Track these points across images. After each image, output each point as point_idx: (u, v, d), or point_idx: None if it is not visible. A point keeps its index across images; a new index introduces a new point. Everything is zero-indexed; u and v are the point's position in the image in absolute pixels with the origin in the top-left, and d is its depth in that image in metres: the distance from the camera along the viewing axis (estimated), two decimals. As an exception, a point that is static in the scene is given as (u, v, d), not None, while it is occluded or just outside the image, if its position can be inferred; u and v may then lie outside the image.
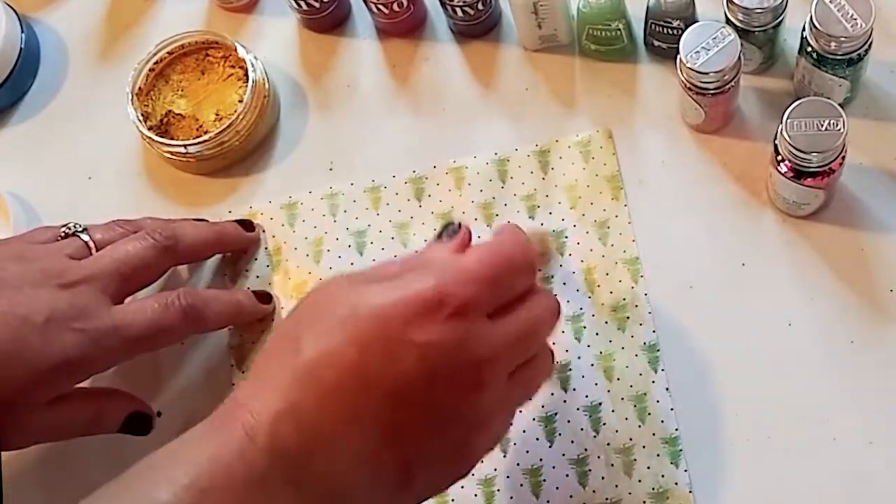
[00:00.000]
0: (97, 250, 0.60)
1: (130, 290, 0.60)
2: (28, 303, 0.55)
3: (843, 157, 0.59)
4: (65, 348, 0.55)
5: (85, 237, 0.60)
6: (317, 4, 0.72)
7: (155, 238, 0.61)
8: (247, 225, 0.68)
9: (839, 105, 0.57)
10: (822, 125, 0.57)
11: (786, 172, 0.60)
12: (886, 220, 0.63)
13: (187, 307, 0.59)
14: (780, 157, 0.59)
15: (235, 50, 0.71)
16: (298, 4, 0.72)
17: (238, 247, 0.68)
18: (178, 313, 0.59)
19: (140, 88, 0.72)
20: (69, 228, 0.61)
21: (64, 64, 0.77)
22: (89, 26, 0.78)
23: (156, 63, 0.72)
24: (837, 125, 0.57)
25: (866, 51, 0.61)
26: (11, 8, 0.76)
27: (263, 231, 0.69)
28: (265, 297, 0.66)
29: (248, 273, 0.68)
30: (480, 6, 0.69)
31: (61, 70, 0.77)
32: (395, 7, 0.70)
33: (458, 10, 0.69)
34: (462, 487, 0.61)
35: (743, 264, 0.64)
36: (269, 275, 0.68)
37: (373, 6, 0.71)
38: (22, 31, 0.76)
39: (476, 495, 0.61)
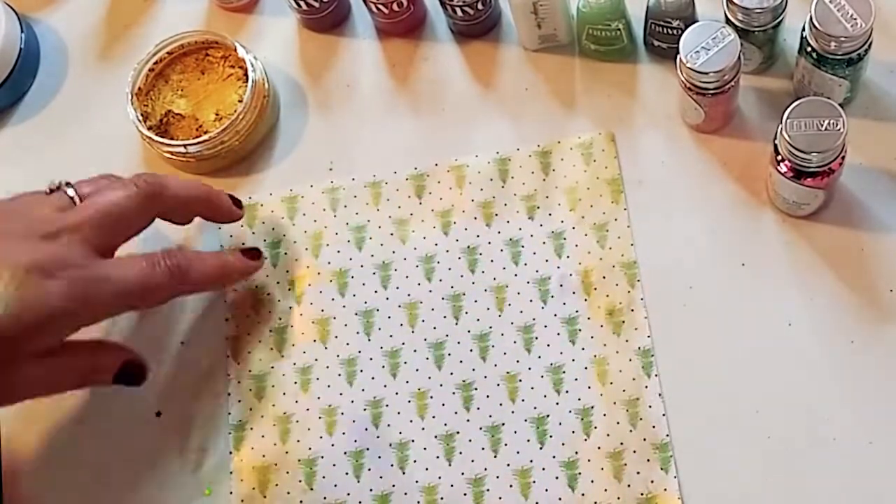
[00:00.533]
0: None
1: (116, 242, 0.59)
2: (8, 255, 0.53)
3: (843, 157, 0.59)
4: (48, 299, 0.53)
5: (70, 192, 0.59)
6: (316, 4, 0.72)
7: (138, 185, 0.59)
8: (238, 203, 0.67)
9: (839, 105, 0.57)
10: (822, 125, 0.57)
11: (786, 172, 0.60)
12: (886, 220, 0.63)
13: (173, 266, 0.58)
14: (779, 157, 0.59)
15: (235, 50, 0.71)
16: (298, 4, 0.72)
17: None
18: (164, 272, 0.58)
19: (140, 88, 0.72)
20: (54, 184, 0.59)
21: (64, 64, 0.77)
22: (89, 26, 0.78)
23: (156, 63, 0.72)
24: (837, 125, 0.57)
25: (866, 51, 0.61)
26: (11, 8, 0.76)
27: (262, 223, 0.69)
28: (254, 254, 0.66)
29: None
30: (480, 6, 0.69)
31: (61, 70, 0.77)
32: (395, 7, 0.70)
33: (457, 9, 0.69)
34: (452, 486, 0.61)
35: (743, 264, 0.64)
36: (267, 267, 0.68)
37: (372, 6, 0.71)
38: (22, 31, 0.76)
39: (465, 494, 0.61)
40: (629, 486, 0.60)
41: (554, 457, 0.61)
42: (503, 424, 0.62)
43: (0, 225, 0.56)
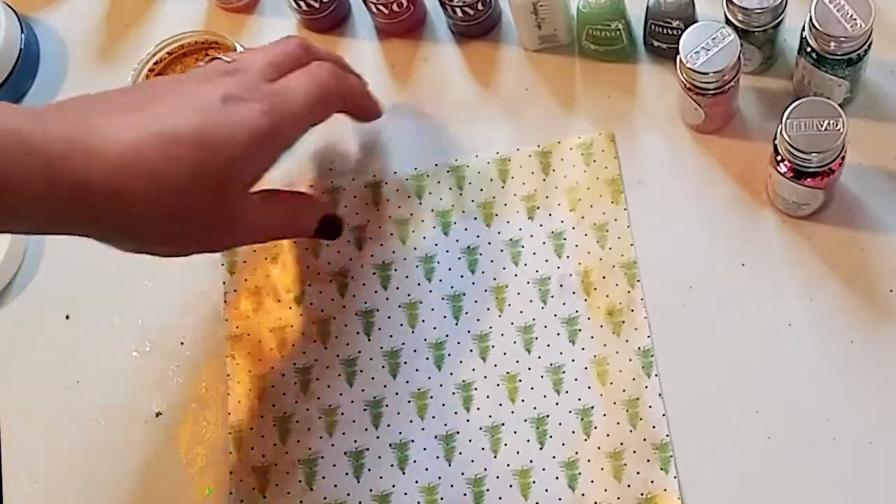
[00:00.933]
0: None
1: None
2: (201, 91, 0.55)
3: (843, 157, 0.59)
4: (251, 119, 0.55)
5: (222, 57, 0.61)
6: (316, 4, 0.72)
7: (294, 38, 0.62)
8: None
9: (839, 105, 0.57)
10: (822, 125, 0.57)
11: (785, 172, 0.60)
12: (886, 220, 0.63)
13: (330, 67, 0.61)
14: (779, 158, 0.59)
15: (235, 50, 0.71)
16: (298, 5, 0.72)
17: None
18: (326, 75, 0.60)
19: (140, 88, 0.72)
20: (204, 60, 0.63)
21: (64, 64, 0.77)
22: (89, 26, 0.78)
23: (156, 63, 0.72)
24: (837, 125, 0.57)
25: (866, 51, 0.61)
26: (11, 8, 0.76)
27: None
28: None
29: (245, 264, 0.68)
30: (480, 6, 0.69)
31: (61, 70, 0.77)
32: (395, 7, 0.70)
33: (457, 10, 0.69)
34: (452, 486, 0.61)
35: (743, 264, 0.64)
36: (267, 267, 0.68)
37: (372, 6, 0.71)
38: (22, 31, 0.76)
39: (465, 494, 0.61)
40: (629, 486, 0.60)
41: (554, 457, 0.61)
42: (503, 424, 0.62)
43: (175, 83, 0.57)
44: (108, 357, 0.67)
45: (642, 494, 0.59)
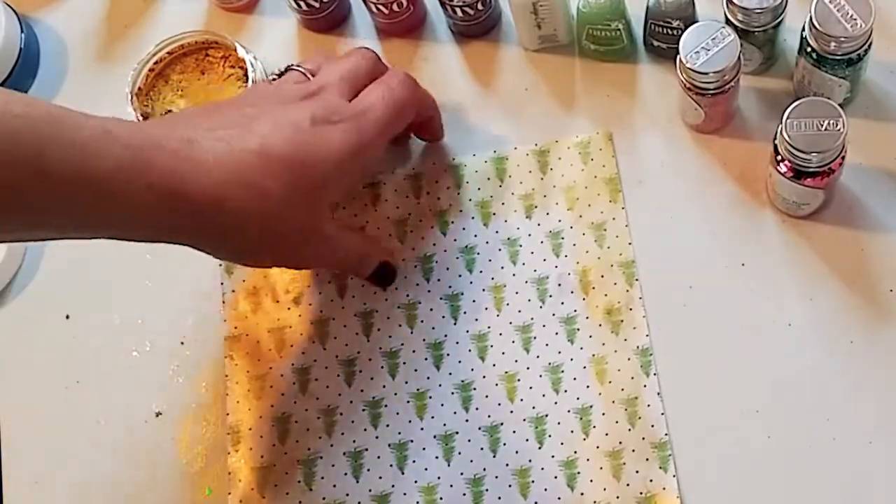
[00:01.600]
0: (313, 77, 0.63)
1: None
2: (288, 114, 0.58)
3: (843, 157, 0.59)
4: (339, 141, 0.58)
5: (299, 69, 0.63)
6: (316, 5, 0.72)
7: (363, 51, 0.64)
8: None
9: (839, 105, 0.57)
10: (822, 125, 0.57)
11: (785, 172, 0.60)
12: (886, 220, 0.63)
13: (404, 79, 0.63)
14: (779, 157, 0.59)
15: (235, 50, 0.71)
16: (298, 5, 0.72)
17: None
18: (401, 86, 0.62)
19: (140, 88, 0.72)
20: (279, 69, 0.64)
21: (64, 64, 0.77)
22: (89, 26, 0.78)
23: (156, 63, 0.72)
24: (837, 125, 0.57)
25: (866, 51, 0.61)
26: (11, 8, 0.76)
27: None
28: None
29: None
30: (480, 6, 0.69)
31: (61, 70, 0.77)
32: (395, 7, 0.70)
33: (457, 10, 0.69)
34: (451, 486, 0.61)
35: (743, 264, 0.64)
36: (266, 268, 0.68)
37: (372, 6, 0.71)
38: (22, 31, 0.76)
39: (465, 494, 0.61)
40: (628, 485, 0.60)
41: (553, 456, 0.61)
42: (502, 424, 0.62)
43: (261, 102, 0.59)
44: (108, 357, 0.67)
45: (641, 493, 0.59)
